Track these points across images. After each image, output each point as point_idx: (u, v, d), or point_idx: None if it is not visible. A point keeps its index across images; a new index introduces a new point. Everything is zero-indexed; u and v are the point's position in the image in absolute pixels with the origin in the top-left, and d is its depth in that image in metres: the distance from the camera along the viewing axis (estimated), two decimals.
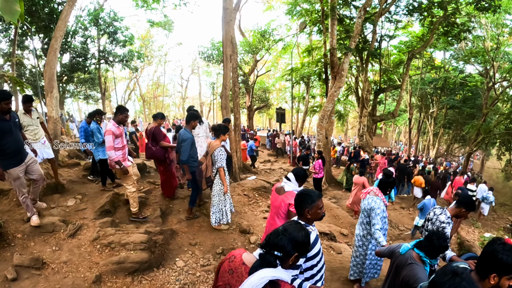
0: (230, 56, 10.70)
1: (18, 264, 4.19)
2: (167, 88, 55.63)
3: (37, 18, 17.58)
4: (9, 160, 4.63)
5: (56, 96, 9.26)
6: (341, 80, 13.84)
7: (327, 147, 14.97)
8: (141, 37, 40.82)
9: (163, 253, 5.05)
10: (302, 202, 2.81)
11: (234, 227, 6.15)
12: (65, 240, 4.98)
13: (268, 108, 34.12)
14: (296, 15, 21.21)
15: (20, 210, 5.58)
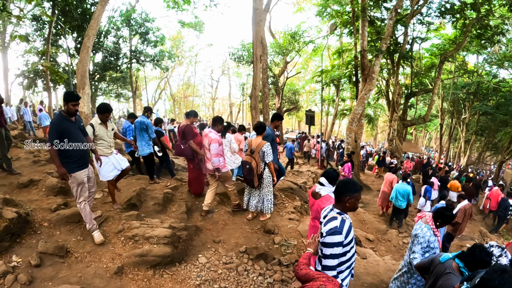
0: (260, 57, 10.72)
1: (42, 251, 4.29)
2: (197, 88, 56.35)
3: (71, 18, 18.32)
4: (74, 163, 4.53)
5: (87, 92, 9.62)
6: (372, 83, 13.64)
7: (356, 151, 14.73)
8: (172, 37, 41.56)
9: (186, 249, 5.06)
10: (346, 189, 2.89)
11: (259, 226, 6.11)
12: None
13: (297, 111, 33.94)
14: (326, 17, 21.15)
15: (48, 200, 5.78)
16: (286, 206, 7.30)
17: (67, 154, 4.45)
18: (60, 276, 4.02)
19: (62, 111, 4.54)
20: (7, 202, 5.02)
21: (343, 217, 2.89)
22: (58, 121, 4.41)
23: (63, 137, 4.38)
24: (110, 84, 28.42)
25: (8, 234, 4.39)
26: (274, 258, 5.20)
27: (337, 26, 19.57)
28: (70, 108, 4.45)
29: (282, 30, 28.63)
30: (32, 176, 6.69)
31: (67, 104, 4.45)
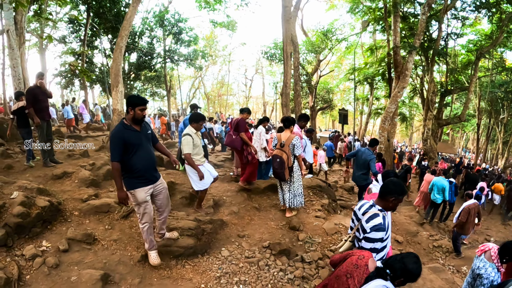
0: (290, 54, 10.75)
1: (71, 237, 4.54)
2: (231, 87, 56.90)
3: (105, 19, 19.05)
4: (136, 179, 3.98)
5: (121, 90, 10.00)
6: (405, 80, 13.37)
7: (389, 150, 14.42)
8: (206, 37, 42.20)
9: (210, 242, 5.15)
10: (394, 189, 3.04)
11: (284, 223, 6.16)
12: (117, 221, 5.29)
13: (331, 109, 33.57)
14: (358, 13, 20.96)
15: (80, 191, 6.10)
16: (313, 204, 7.32)
17: (129, 168, 3.91)
18: (86, 261, 4.23)
19: (125, 119, 3.95)
20: (40, 192, 5.35)
21: (383, 214, 3.06)
22: (120, 133, 3.83)
23: (128, 151, 3.86)
24: (145, 83, 29.20)
25: (40, 221, 4.68)
26: (297, 254, 5.21)
27: (370, 22, 19.39)
28: (137, 114, 3.88)
29: (314, 28, 28.51)
30: (66, 169, 7.07)
31: (133, 109, 3.87)
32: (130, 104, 3.87)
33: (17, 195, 4.78)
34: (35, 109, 7.06)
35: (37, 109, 7.11)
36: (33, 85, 7.45)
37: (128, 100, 3.93)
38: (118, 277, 4.08)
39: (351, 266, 2.64)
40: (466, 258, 7.95)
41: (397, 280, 2.39)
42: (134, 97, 3.96)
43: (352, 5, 20.61)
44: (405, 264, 2.38)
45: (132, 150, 3.89)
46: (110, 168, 7.67)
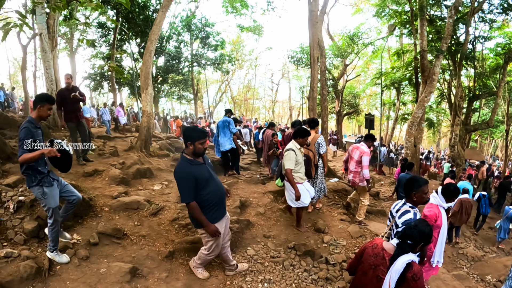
0: (317, 58, 10.75)
1: (101, 231, 4.68)
2: (257, 91, 57.10)
3: (134, 24, 19.58)
4: (213, 214, 3.79)
5: (150, 93, 10.25)
6: (432, 85, 13.13)
7: (415, 156, 14.06)
8: (232, 41, 42.62)
9: (236, 241, 5.20)
10: (410, 186, 3.38)
11: (310, 225, 6.24)
12: (147, 218, 5.44)
13: (357, 114, 33.14)
14: (385, 17, 20.74)
15: (110, 188, 6.31)
16: (338, 207, 7.39)
17: (204, 204, 3.69)
18: (115, 254, 4.35)
19: (186, 154, 3.68)
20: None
21: (414, 211, 3.34)
22: (188, 170, 3.58)
23: (200, 186, 3.62)
24: (173, 86, 29.74)
25: (71, 215, 4.77)
26: (321, 256, 5.25)
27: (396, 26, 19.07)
28: (198, 148, 3.61)
29: (341, 32, 28.29)
30: (97, 167, 7.31)
31: (193, 143, 3.59)
32: (189, 139, 3.60)
33: None
34: (64, 111, 7.32)
35: (66, 111, 7.35)
36: (63, 87, 7.73)
37: (186, 134, 3.68)
38: (146, 271, 4.16)
39: (371, 258, 2.84)
40: (491, 267, 7.81)
41: (418, 246, 2.63)
42: (194, 130, 3.71)
43: (378, 9, 20.47)
44: (419, 228, 2.63)
45: (205, 185, 3.66)
46: (139, 167, 7.93)
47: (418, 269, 2.58)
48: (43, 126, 6.85)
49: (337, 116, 28.47)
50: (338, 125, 29.17)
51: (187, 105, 36.72)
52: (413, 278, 2.54)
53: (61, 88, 7.73)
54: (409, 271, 2.53)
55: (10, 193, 4.79)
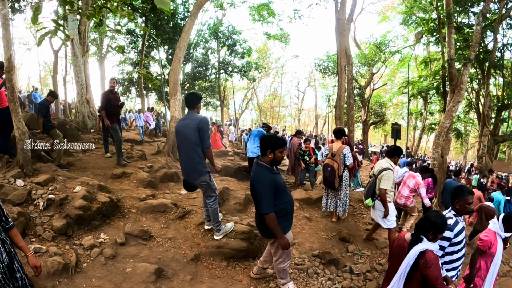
0: (344, 67, 10.76)
1: (128, 232, 4.75)
2: (283, 99, 57.04)
3: (163, 31, 20.04)
4: (285, 222, 3.74)
5: (179, 98, 10.44)
6: (460, 94, 12.76)
7: (442, 167, 13.61)
8: (259, 49, 42.77)
9: (261, 247, 5.19)
10: (454, 194, 3.48)
11: (335, 233, 6.26)
12: (173, 221, 5.49)
13: (383, 124, 32.66)
14: (412, 25, 20.70)
15: (138, 190, 6.41)
16: (363, 217, 7.39)
17: (279, 214, 3.61)
18: (141, 255, 4.40)
19: (264, 163, 3.62)
20: (101, 188, 5.66)
21: (457, 219, 3.44)
22: (270, 178, 3.53)
23: (277, 195, 3.57)
24: (199, 93, 30.13)
25: (100, 215, 4.95)
26: (345, 265, 5.24)
27: (423, 34, 18.83)
28: (277, 157, 3.58)
29: (367, 41, 28.19)
30: (125, 169, 7.47)
31: (273, 151, 3.55)
32: (269, 147, 3.54)
33: (80, 189, 5.09)
34: (107, 112, 7.59)
35: (109, 112, 7.62)
36: (107, 89, 8.04)
37: (266, 142, 3.59)
38: (171, 273, 4.20)
39: (397, 248, 3.17)
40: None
41: (429, 234, 2.90)
42: (274, 138, 3.64)
43: (405, 17, 20.39)
44: (429, 218, 2.93)
45: (282, 194, 3.64)
46: (166, 171, 8.05)
47: (431, 257, 2.80)
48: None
49: (363, 126, 28.21)
50: (364, 135, 28.84)
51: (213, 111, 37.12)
52: (425, 265, 2.79)
53: (106, 91, 8.02)
54: (421, 258, 2.81)
55: (40, 191, 4.95)
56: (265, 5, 23.66)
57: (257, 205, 3.67)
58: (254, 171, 3.65)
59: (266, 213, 3.47)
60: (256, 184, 3.52)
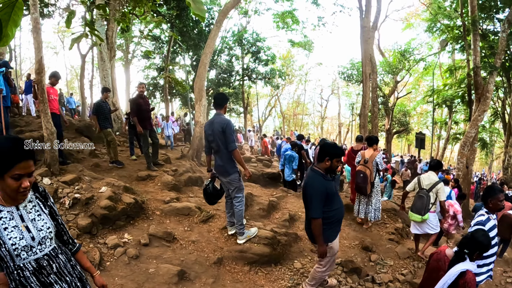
0: (369, 75, 10.70)
1: (152, 233, 4.81)
2: (306, 107, 56.77)
3: (188, 37, 20.35)
4: (333, 230, 3.77)
5: (204, 104, 10.58)
6: (486, 103, 12.45)
7: (467, 178, 13.18)
8: (283, 56, 42.78)
9: (284, 253, 5.18)
10: (487, 193, 3.70)
11: (357, 242, 6.20)
12: (197, 224, 5.53)
13: (407, 133, 32.03)
14: (436, 32, 20.37)
15: (162, 193, 6.51)
16: (386, 226, 7.26)
17: (328, 220, 3.64)
18: (164, 256, 4.43)
19: (318, 169, 3.67)
20: (126, 189, 5.76)
21: (489, 216, 3.64)
22: (323, 185, 3.55)
23: (327, 202, 3.60)
24: None
25: (124, 215, 5.04)
26: (367, 274, 5.16)
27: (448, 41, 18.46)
28: (334, 165, 3.64)
29: (391, 48, 28.01)
30: (150, 172, 7.59)
31: (331, 159, 3.60)
32: (328, 155, 3.59)
33: (106, 190, 5.19)
34: (138, 118, 7.74)
35: (140, 118, 7.77)
36: (136, 95, 8.26)
37: (326, 150, 3.65)
38: (193, 275, 4.21)
39: (435, 262, 3.18)
40: None
41: (474, 254, 2.84)
42: (333, 147, 3.73)
43: (430, 24, 20.11)
44: (475, 238, 2.87)
45: (332, 201, 3.66)
46: (191, 175, 8.15)
47: (471, 278, 2.77)
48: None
49: (387, 135, 27.78)
50: (388, 144, 28.34)
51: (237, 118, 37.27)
52: (463, 286, 2.76)
53: (135, 97, 8.25)
54: (461, 278, 2.77)
55: (66, 190, 5.08)
56: (289, 13, 23.76)
57: (306, 209, 3.71)
58: (308, 176, 3.72)
59: (314, 218, 3.53)
60: (308, 189, 3.56)
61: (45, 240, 1.75)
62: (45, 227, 1.78)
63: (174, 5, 16.35)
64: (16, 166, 1.56)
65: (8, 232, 1.62)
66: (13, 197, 1.65)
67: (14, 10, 1.28)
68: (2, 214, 1.65)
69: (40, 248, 1.72)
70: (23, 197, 1.69)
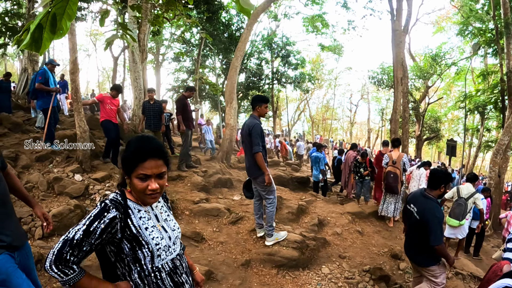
0: (400, 80, 10.50)
1: (181, 233, 4.78)
2: (336, 111, 56.24)
3: (218, 41, 20.56)
4: None
5: (234, 106, 10.68)
6: None
7: (499, 187, 12.62)
8: (312, 60, 42.59)
9: (312, 258, 5.19)
10: None
11: (386, 250, 6.20)
12: (225, 225, 5.59)
13: (438, 140, 31.09)
14: (468, 36, 19.93)
15: (192, 194, 6.62)
16: None
17: None
18: (192, 256, 4.48)
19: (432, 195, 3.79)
20: None
21: None
22: (440, 210, 3.74)
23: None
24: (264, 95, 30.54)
25: None
26: (396, 283, 5.13)
27: (480, 45, 17.81)
28: (444, 192, 3.92)
29: (422, 52, 27.35)
30: (180, 173, 7.75)
31: (445, 186, 3.84)
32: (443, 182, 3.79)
33: None
34: (183, 117, 8.03)
35: (184, 118, 8.07)
36: (182, 95, 8.54)
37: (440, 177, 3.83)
38: (221, 276, 4.24)
39: (492, 275, 3.18)
40: None
41: None
42: (448, 175, 3.93)
43: (461, 27, 19.72)
44: None
45: None
46: (220, 176, 8.30)
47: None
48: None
49: (417, 141, 27.07)
50: (418, 151, 27.58)
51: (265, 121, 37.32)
52: None
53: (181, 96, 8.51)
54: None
55: (97, 186, 5.24)
56: (318, 16, 23.65)
57: (423, 236, 3.66)
58: (425, 203, 3.73)
59: (437, 245, 3.56)
60: (430, 217, 3.58)
61: (177, 240, 1.75)
62: (176, 226, 1.78)
63: (204, 9, 16.59)
64: (139, 165, 1.48)
65: (149, 232, 1.56)
66: (142, 199, 1.58)
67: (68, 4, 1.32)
68: (141, 214, 1.60)
69: (174, 248, 1.69)
70: (152, 200, 1.57)
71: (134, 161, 1.48)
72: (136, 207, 1.59)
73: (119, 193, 1.59)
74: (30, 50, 1.36)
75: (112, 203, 1.50)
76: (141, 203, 1.61)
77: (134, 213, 1.56)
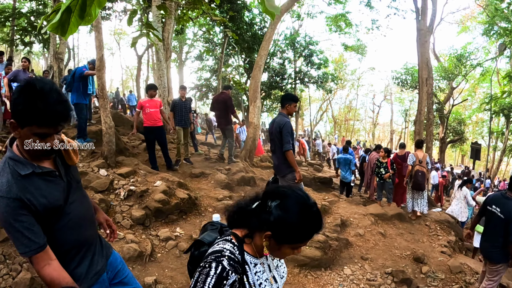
0: (425, 80, 10.34)
1: None
2: (358, 112, 55.62)
3: (242, 40, 20.56)
4: None
5: (258, 105, 10.70)
6: None
7: None
8: (335, 60, 42.18)
9: (334, 258, 5.18)
10: None
11: (409, 253, 6.07)
12: None
13: (462, 143, 30.31)
14: (493, 36, 19.72)
15: (215, 191, 6.66)
16: (439, 238, 7.12)
17: None
18: None
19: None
20: (180, 185, 5.95)
21: None
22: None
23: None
24: (275, 102, 30.41)
25: (177, 210, 5.20)
26: (418, 286, 5.09)
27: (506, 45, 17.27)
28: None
29: (447, 53, 26.94)
30: (204, 170, 7.84)
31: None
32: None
33: (160, 184, 5.38)
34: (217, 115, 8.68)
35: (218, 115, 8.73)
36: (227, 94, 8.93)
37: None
38: None
39: None
40: None
41: None
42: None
43: (486, 27, 19.55)
44: None
45: None
46: (244, 175, 8.34)
47: None
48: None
49: (441, 144, 26.48)
50: (441, 153, 26.96)
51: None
52: None
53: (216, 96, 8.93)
54: None
55: (122, 181, 5.32)
56: (342, 15, 23.47)
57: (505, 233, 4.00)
58: (509, 204, 4.07)
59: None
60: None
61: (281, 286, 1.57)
62: (285, 272, 1.61)
63: (227, 8, 16.63)
64: None
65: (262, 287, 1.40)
66: None
67: None
68: (257, 268, 1.42)
69: None
70: None
71: None
72: (253, 261, 1.41)
73: (237, 245, 1.39)
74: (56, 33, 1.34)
75: (231, 265, 1.30)
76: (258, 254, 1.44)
77: (251, 269, 1.40)
